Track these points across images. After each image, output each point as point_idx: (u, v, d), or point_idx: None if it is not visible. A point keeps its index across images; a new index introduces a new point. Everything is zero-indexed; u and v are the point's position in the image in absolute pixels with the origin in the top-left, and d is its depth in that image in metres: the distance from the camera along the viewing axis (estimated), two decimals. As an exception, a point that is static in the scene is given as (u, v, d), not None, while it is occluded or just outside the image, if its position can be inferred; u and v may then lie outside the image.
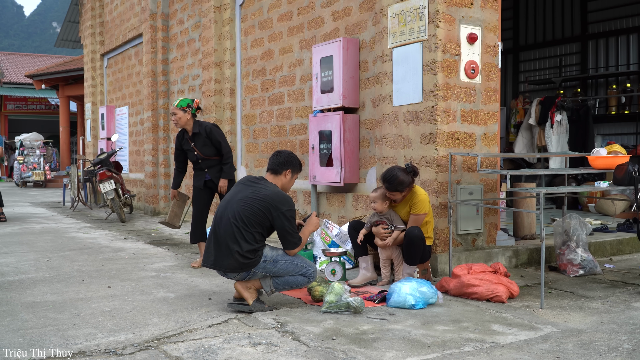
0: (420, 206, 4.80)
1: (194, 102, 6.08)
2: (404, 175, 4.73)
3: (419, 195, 4.83)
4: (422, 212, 4.81)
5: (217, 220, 4.23)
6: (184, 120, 6.02)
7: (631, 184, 4.69)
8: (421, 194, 4.85)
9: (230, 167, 6.13)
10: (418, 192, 4.86)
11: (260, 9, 8.39)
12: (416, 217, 4.82)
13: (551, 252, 5.83)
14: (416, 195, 4.84)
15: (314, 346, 3.43)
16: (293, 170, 4.43)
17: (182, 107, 5.99)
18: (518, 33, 13.06)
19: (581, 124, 10.20)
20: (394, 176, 4.73)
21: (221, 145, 6.06)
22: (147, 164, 11.86)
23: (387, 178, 4.76)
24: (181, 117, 6.00)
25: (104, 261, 6.33)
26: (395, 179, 4.73)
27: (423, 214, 4.82)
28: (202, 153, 6.09)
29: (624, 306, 4.34)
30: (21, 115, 29.96)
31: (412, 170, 4.78)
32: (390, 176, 4.74)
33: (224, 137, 6.14)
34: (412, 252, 4.76)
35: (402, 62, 5.57)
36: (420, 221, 4.83)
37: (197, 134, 6.06)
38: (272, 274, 4.22)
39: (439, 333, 3.67)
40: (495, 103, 5.59)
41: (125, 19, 13.52)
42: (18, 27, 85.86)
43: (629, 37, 11.32)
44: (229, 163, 6.11)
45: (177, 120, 6.01)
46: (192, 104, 6.06)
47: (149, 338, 3.62)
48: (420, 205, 4.80)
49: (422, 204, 4.80)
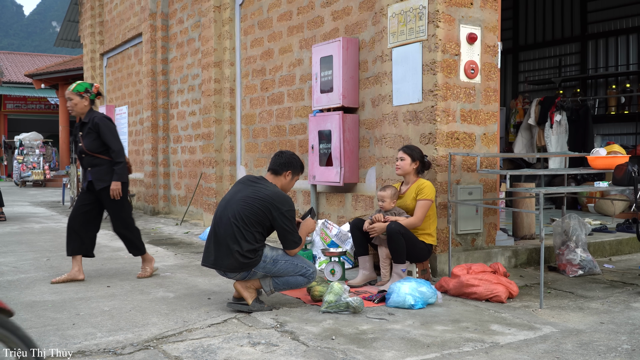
0: (427, 191, 4.89)
1: (94, 87, 5.42)
2: (418, 149, 5.09)
3: (424, 183, 4.96)
4: (429, 197, 4.89)
5: (216, 220, 4.23)
6: (80, 107, 5.34)
7: (631, 184, 4.69)
8: (427, 182, 4.98)
9: (123, 169, 5.31)
10: (424, 181, 5.01)
11: (260, 9, 8.39)
12: (423, 202, 4.87)
13: (550, 252, 5.83)
14: (422, 183, 4.98)
15: (313, 346, 3.43)
16: (294, 171, 4.43)
17: (78, 91, 5.32)
18: (518, 33, 13.06)
19: (581, 124, 10.20)
20: (411, 144, 5.23)
21: (109, 142, 5.28)
22: (146, 163, 11.86)
23: (409, 145, 5.16)
24: (77, 104, 5.33)
25: (104, 261, 6.33)
26: (411, 145, 5.15)
27: (429, 200, 4.88)
28: (86, 147, 5.30)
29: (623, 306, 4.34)
30: (21, 115, 29.94)
31: (428, 161, 5.13)
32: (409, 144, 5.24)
33: (114, 132, 5.37)
34: (393, 248, 4.76)
35: (402, 62, 5.57)
36: (426, 207, 4.85)
37: (85, 123, 5.33)
38: (272, 273, 4.22)
39: (438, 333, 3.67)
40: (495, 103, 5.59)
41: (125, 18, 13.52)
42: (18, 26, 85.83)
43: (628, 37, 11.32)
44: (120, 163, 5.30)
45: (72, 106, 5.33)
46: (91, 89, 5.40)
47: (148, 338, 3.62)
48: (427, 191, 4.90)
49: (428, 189, 4.91)
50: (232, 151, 8.96)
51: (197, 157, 10.35)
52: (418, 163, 5.02)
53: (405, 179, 5.12)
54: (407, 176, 5.08)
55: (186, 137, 10.82)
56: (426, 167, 5.12)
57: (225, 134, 9.05)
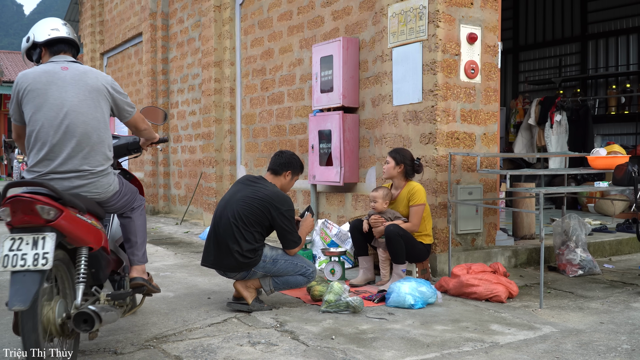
0: (418, 196, 4.86)
1: None
2: (408, 152, 5.01)
3: (414, 187, 4.92)
4: (421, 201, 4.86)
5: (216, 220, 4.23)
6: None
7: (631, 184, 4.69)
8: (417, 186, 4.94)
9: None
10: (414, 184, 4.96)
11: (260, 9, 8.39)
12: (416, 208, 4.85)
13: (550, 252, 5.83)
14: (412, 187, 4.93)
15: (313, 345, 3.43)
16: (293, 172, 4.43)
17: None
18: (518, 33, 13.06)
19: (581, 124, 10.20)
20: (401, 148, 5.16)
21: None
22: (146, 162, 11.86)
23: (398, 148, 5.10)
24: None
25: (104, 260, 6.32)
26: (400, 148, 5.08)
27: (421, 205, 4.86)
28: None
29: (623, 306, 4.34)
30: (21, 114, 29.89)
31: (418, 164, 4.99)
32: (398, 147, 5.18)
33: None
34: (392, 250, 4.76)
35: (402, 61, 5.57)
36: (419, 213, 4.84)
37: None
38: (272, 273, 4.22)
39: (438, 333, 3.67)
40: (495, 103, 5.59)
41: (125, 18, 13.52)
42: (18, 26, 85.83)
43: (628, 37, 11.31)
44: None
45: None
46: None
47: (148, 337, 3.62)
48: (418, 196, 4.87)
49: (419, 194, 4.87)
50: (232, 151, 8.96)
51: (197, 157, 10.36)
52: (402, 167, 4.92)
53: (394, 183, 5.06)
54: (394, 180, 5.03)
55: (186, 136, 10.82)
56: (417, 171, 4.98)
57: (225, 134, 9.05)
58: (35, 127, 3.11)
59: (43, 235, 2.76)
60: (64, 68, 3.21)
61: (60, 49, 3.33)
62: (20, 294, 2.64)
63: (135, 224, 3.53)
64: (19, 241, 2.75)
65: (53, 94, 3.12)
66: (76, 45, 3.43)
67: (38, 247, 2.74)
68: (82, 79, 3.21)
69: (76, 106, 3.15)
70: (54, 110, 3.11)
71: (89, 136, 3.17)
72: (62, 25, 3.40)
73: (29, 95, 3.13)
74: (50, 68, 3.19)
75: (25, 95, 3.14)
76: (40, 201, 2.80)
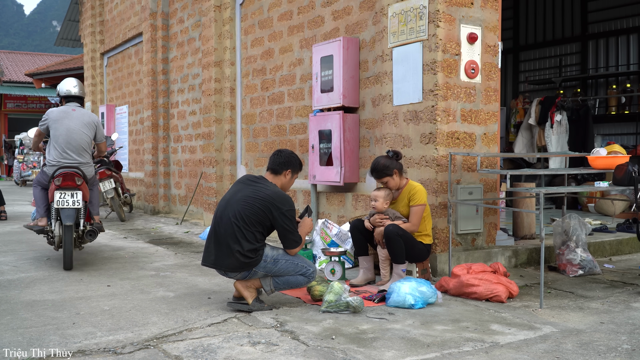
0: (418, 196, 4.87)
1: None
2: (385, 160, 4.92)
3: (415, 187, 4.91)
4: (422, 202, 4.86)
5: (217, 220, 4.23)
6: None
7: (631, 184, 4.69)
8: (418, 186, 4.93)
9: None
10: (414, 184, 4.95)
11: (260, 8, 8.39)
12: (416, 208, 4.85)
13: (551, 252, 5.83)
14: (413, 187, 4.92)
15: (313, 345, 3.43)
16: (293, 170, 4.43)
17: None
18: (518, 33, 13.06)
19: (581, 124, 10.20)
20: (377, 162, 4.95)
21: None
22: (146, 162, 11.86)
23: (372, 168, 4.98)
24: None
25: (104, 260, 6.33)
26: (378, 164, 4.93)
27: (421, 205, 4.86)
28: None
29: (624, 306, 4.34)
30: (21, 114, 29.95)
31: (394, 154, 4.94)
32: (375, 165, 4.96)
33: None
34: (392, 250, 4.76)
35: (402, 61, 5.57)
36: (419, 213, 4.84)
37: None
38: (273, 273, 4.22)
39: (438, 333, 3.67)
40: (495, 103, 5.59)
41: (125, 17, 13.52)
42: (18, 25, 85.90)
43: (629, 37, 11.31)
44: None
45: None
46: None
47: (149, 337, 3.62)
48: (418, 196, 4.87)
49: (419, 194, 4.87)
50: (233, 151, 8.96)
51: (197, 157, 10.36)
52: (396, 172, 4.90)
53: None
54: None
55: (186, 136, 10.82)
56: (397, 159, 4.93)
57: (225, 134, 9.05)
58: (56, 139, 5.89)
59: (76, 192, 5.65)
60: (73, 110, 6.05)
61: (71, 100, 6.20)
62: (69, 218, 5.52)
63: (94, 193, 6.17)
64: (64, 194, 5.60)
65: (65, 123, 5.92)
66: (82, 97, 6.26)
67: (74, 197, 5.62)
68: (82, 117, 6.02)
69: (77, 131, 5.93)
70: (66, 131, 5.90)
71: (82, 146, 5.97)
72: (73, 87, 6.18)
73: (53, 122, 5.94)
74: (65, 109, 6.06)
75: (52, 122, 5.94)
76: (76, 174, 5.73)
